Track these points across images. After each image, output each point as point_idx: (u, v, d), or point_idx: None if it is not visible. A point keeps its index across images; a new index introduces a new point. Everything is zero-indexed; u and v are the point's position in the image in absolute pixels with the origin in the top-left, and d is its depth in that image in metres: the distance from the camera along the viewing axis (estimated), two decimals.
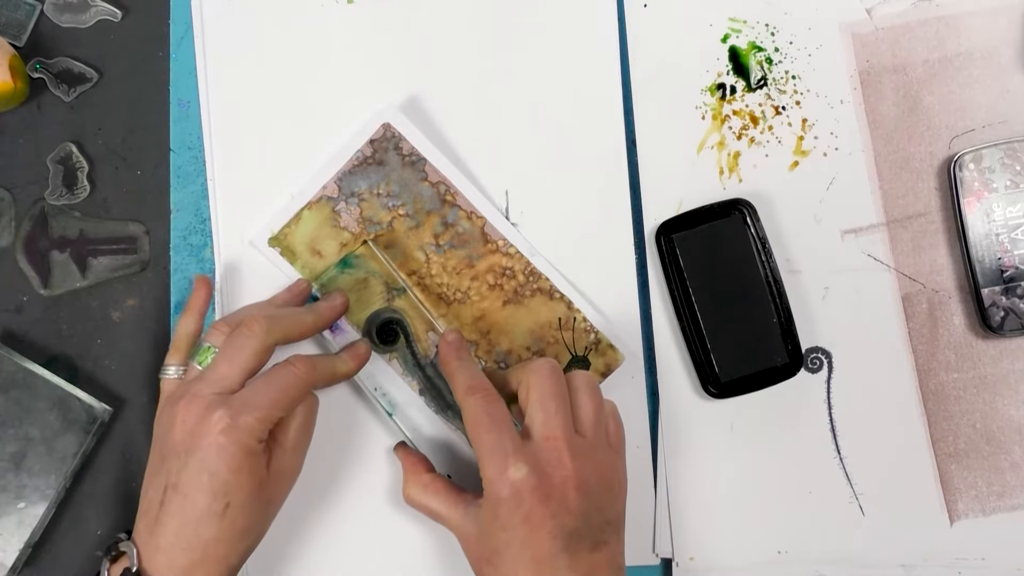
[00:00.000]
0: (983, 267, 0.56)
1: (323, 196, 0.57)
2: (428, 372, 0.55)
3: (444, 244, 0.57)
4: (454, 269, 0.57)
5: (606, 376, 0.56)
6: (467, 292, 0.57)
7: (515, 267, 0.57)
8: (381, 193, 0.57)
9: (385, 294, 0.55)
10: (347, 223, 0.57)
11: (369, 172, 0.57)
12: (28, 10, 0.59)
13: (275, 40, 0.59)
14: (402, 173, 0.57)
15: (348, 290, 0.55)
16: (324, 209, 0.57)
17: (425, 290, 0.57)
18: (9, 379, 0.55)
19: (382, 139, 0.57)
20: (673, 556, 0.56)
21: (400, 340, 0.55)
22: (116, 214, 0.59)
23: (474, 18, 0.59)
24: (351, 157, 0.57)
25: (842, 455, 0.57)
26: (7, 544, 0.54)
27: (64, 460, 0.55)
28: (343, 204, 0.57)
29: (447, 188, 0.57)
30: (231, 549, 0.48)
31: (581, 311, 0.57)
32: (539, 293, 0.57)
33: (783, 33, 0.59)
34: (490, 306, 0.57)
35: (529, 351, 0.57)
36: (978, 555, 0.56)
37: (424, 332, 0.55)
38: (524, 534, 0.45)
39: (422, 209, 0.57)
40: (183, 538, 0.47)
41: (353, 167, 0.57)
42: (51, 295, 0.58)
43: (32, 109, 0.59)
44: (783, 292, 0.56)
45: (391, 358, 0.55)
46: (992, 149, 0.56)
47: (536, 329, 0.57)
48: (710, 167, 0.58)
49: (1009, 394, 0.57)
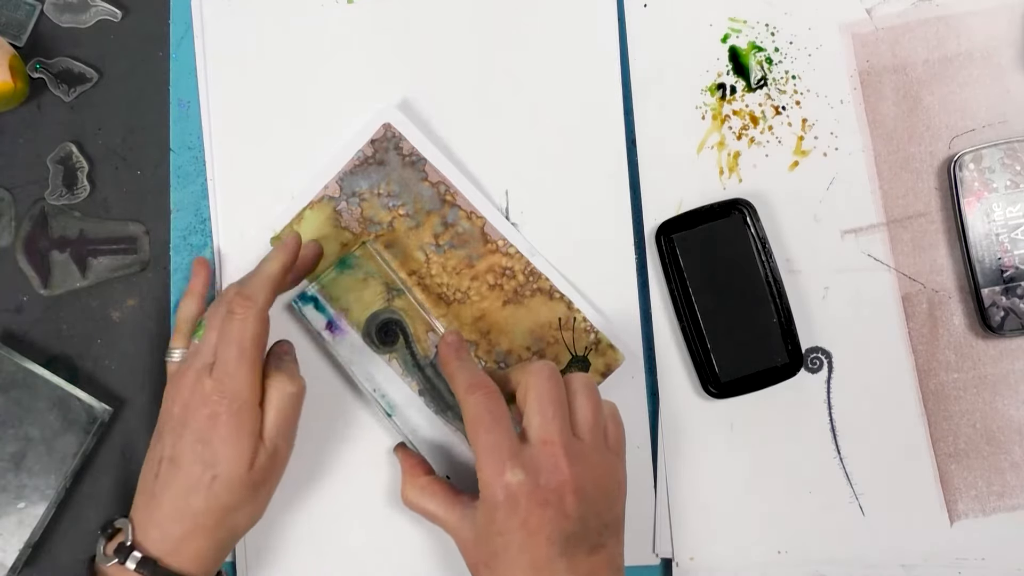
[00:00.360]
0: (983, 267, 0.56)
1: (325, 196, 0.57)
2: (428, 373, 0.55)
3: (444, 244, 0.57)
4: (454, 269, 0.57)
5: (606, 376, 0.56)
6: (467, 292, 0.57)
7: (515, 267, 0.57)
8: (382, 193, 0.57)
9: (385, 295, 0.55)
10: (348, 223, 0.57)
11: (370, 172, 0.57)
12: (28, 10, 0.59)
13: (275, 40, 0.59)
14: (402, 173, 0.57)
15: (348, 291, 0.55)
16: (326, 209, 0.57)
17: (425, 290, 0.57)
18: (9, 379, 0.55)
19: (382, 139, 0.57)
20: (673, 556, 0.56)
21: (400, 341, 0.55)
22: (116, 214, 0.59)
23: (474, 18, 0.59)
24: (352, 157, 0.57)
25: (842, 455, 0.57)
26: (7, 544, 0.54)
27: (64, 460, 0.55)
28: (344, 204, 0.57)
29: (447, 188, 0.57)
30: (218, 523, 0.48)
31: (581, 311, 0.57)
32: (539, 293, 0.57)
33: (783, 33, 0.59)
34: (490, 306, 0.57)
35: (529, 351, 0.57)
36: (978, 555, 0.56)
37: (424, 333, 0.55)
38: (521, 539, 0.45)
39: (422, 209, 0.57)
40: (176, 509, 0.48)
41: (354, 167, 0.57)
42: (51, 295, 0.58)
43: (32, 109, 0.59)
44: (783, 292, 0.56)
45: (391, 359, 0.55)
46: (992, 149, 0.56)
47: (536, 329, 0.57)
48: (710, 167, 0.58)
49: (1009, 394, 0.57)
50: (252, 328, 0.49)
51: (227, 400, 0.48)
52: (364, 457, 0.57)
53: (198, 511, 0.48)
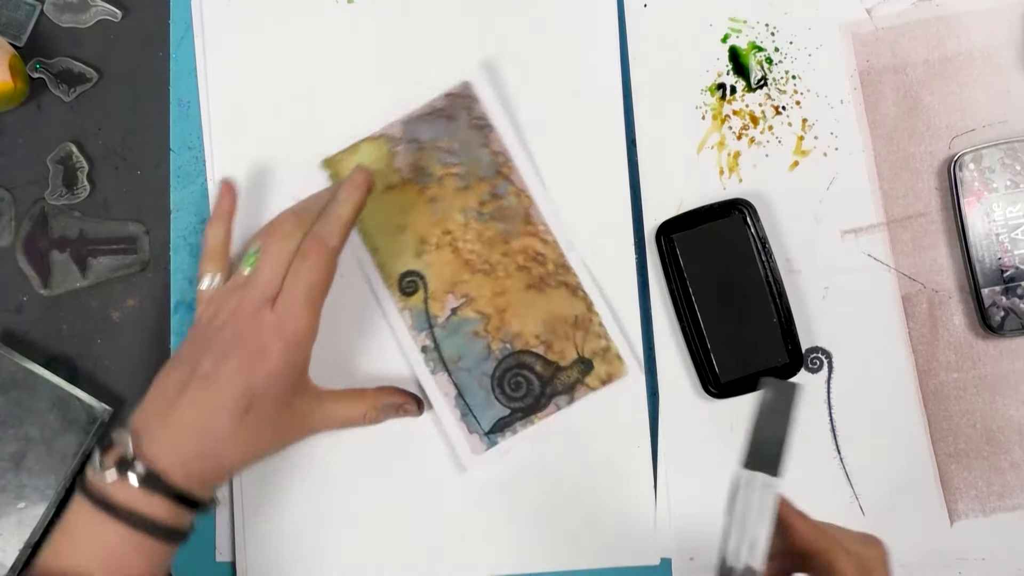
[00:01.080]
0: (983, 267, 0.56)
1: (385, 134, 0.57)
2: (436, 334, 0.56)
3: (486, 213, 0.57)
4: (489, 240, 0.57)
5: (605, 384, 0.56)
6: (495, 265, 0.57)
7: (548, 255, 0.57)
8: (441, 147, 0.57)
9: (417, 247, 0.56)
10: (400, 166, 0.57)
11: (436, 124, 0.57)
12: (28, 10, 0.59)
13: (275, 40, 0.59)
14: (467, 134, 0.57)
15: (384, 234, 0.56)
16: (383, 146, 0.57)
17: (456, 252, 0.57)
18: (9, 379, 0.55)
19: (458, 95, 0.57)
20: (673, 556, 0.56)
21: (419, 294, 0.55)
22: (116, 214, 0.59)
23: (473, 19, 0.59)
24: (423, 104, 0.57)
25: (842, 455, 0.57)
26: (7, 544, 0.54)
27: (64, 460, 0.55)
28: (402, 147, 0.57)
29: (506, 160, 0.57)
30: (233, 451, 0.48)
31: (599, 315, 0.57)
32: (564, 287, 0.57)
33: (783, 33, 0.59)
34: (513, 285, 0.57)
35: (538, 339, 0.56)
36: (978, 555, 0.56)
37: (443, 295, 0.56)
38: None
39: (475, 174, 0.57)
40: (196, 427, 0.47)
41: (423, 114, 0.57)
42: (51, 295, 0.58)
43: (32, 109, 0.59)
44: (783, 292, 0.56)
45: (404, 308, 0.55)
46: (992, 149, 0.56)
47: (551, 320, 0.57)
48: (710, 167, 0.58)
49: (1009, 394, 0.57)
50: (323, 272, 0.49)
51: (284, 338, 0.48)
52: (366, 461, 0.57)
53: (221, 434, 0.47)
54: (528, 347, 0.57)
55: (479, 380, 0.56)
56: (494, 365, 0.56)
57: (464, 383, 0.56)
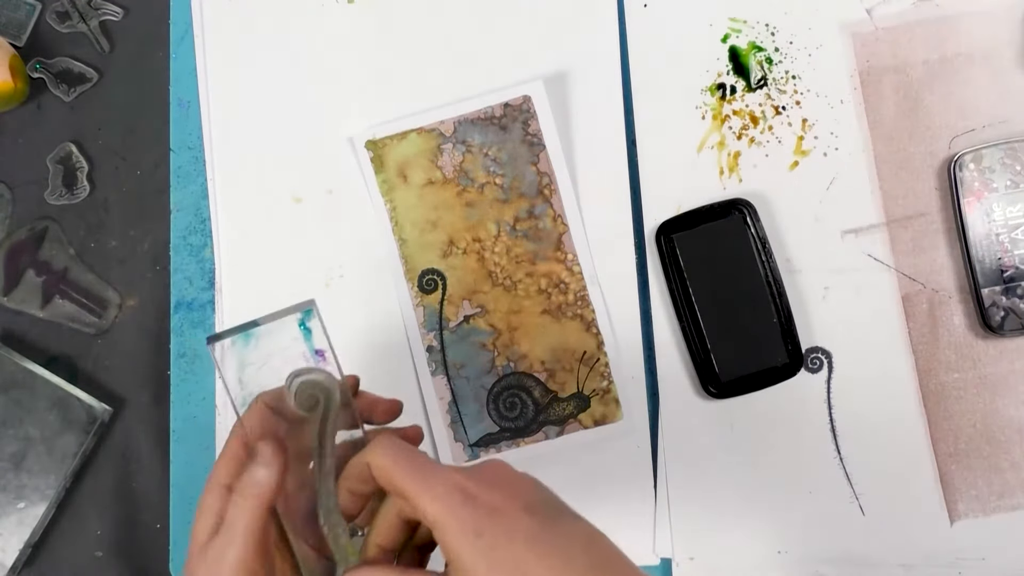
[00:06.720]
0: (983, 267, 0.56)
1: (437, 129, 0.57)
2: (444, 337, 0.56)
3: (519, 230, 0.57)
4: (516, 257, 0.57)
5: (598, 425, 0.56)
6: (516, 283, 0.57)
7: (571, 285, 0.57)
8: (489, 155, 0.57)
9: (444, 247, 0.57)
10: (444, 164, 0.57)
11: (489, 130, 0.57)
12: (28, 10, 0.59)
13: (275, 40, 0.59)
14: (518, 148, 0.57)
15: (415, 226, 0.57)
16: (431, 141, 0.57)
17: (481, 261, 0.57)
18: (9, 379, 0.55)
19: (516, 108, 0.57)
20: (673, 556, 0.56)
21: (436, 294, 0.56)
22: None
23: (474, 19, 0.59)
24: (480, 109, 0.57)
25: (842, 455, 0.57)
26: (7, 544, 0.54)
27: (64, 460, 0.55)
28: (450, 145, 0.57)
29: (550, 182, 0.57)
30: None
31: (607, 356, 0.57)
32: (579, 320, 0.57)
33: (783, 33, 0.59)
34: (530, 306, 0.57)
35: (543, 365, 0.57)
36: (978, 555, 0.56)
37: (460, 300, 0.56)
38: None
39: (517, 189, 0.57)
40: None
41: (477, 118, 0.57)
42: (5, 305, 0.57)
43: (32, 109, 0.59)
44: (783, 292, 0.56)
45: (419, 304, 0.56)
46: (992, 149, 0.56)
47: (559, 349, 0.57)
48: (710, 167, 0.58)
49: (1009, 394, 0.57)
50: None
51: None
52: None
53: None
54: (531, 371, 0.57)
55: (476, 392, 0.56)
56: (494, 380, 0.56)
57: (461, 391, 0.56)
